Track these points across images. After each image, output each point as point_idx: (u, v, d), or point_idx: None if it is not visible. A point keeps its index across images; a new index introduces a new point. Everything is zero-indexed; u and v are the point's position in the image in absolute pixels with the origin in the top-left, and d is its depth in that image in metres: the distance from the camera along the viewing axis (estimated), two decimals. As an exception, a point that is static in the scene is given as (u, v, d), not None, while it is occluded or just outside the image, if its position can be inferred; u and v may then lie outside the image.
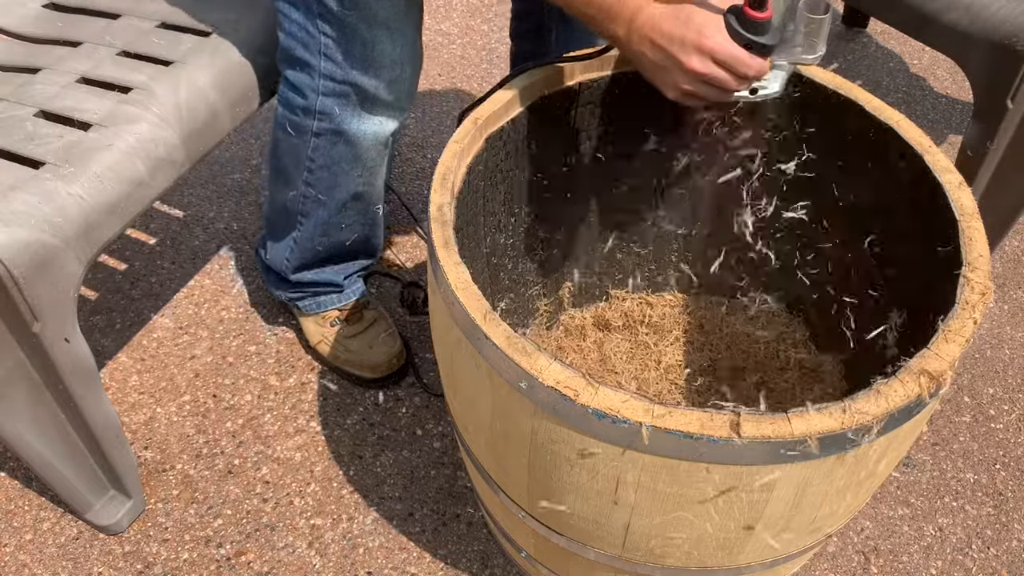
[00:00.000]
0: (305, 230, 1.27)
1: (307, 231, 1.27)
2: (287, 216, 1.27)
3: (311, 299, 1.38)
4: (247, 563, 1.19)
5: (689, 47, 0.79)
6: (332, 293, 1.38)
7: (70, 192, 0.93)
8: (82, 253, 0.94)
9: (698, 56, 0.79)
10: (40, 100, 1.06)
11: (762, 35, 0.79)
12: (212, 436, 1.33)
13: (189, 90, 1.08)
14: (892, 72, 2.16)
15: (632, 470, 0.70)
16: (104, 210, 0.96)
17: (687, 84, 0.82)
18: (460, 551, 1.21)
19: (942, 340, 0.71)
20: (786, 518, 0.74)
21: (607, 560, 0.86)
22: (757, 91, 0.88)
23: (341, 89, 1.09)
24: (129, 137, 1.00)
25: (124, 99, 1.05)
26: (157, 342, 1.46)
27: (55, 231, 0.90)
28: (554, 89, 1.01)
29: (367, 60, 1.05)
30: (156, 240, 1.64)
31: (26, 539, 1.21)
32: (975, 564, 1.22)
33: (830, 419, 0.65)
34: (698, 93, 0.83)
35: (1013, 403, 1.43)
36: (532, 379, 0.68)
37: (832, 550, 1.23)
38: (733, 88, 0.82)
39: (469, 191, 0.94)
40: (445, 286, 0.76)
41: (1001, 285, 1.63)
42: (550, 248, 1.23)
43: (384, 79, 1.08)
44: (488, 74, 2.06)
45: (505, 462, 0.84)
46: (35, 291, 0.89)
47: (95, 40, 1.17)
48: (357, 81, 1.08)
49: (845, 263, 1.14)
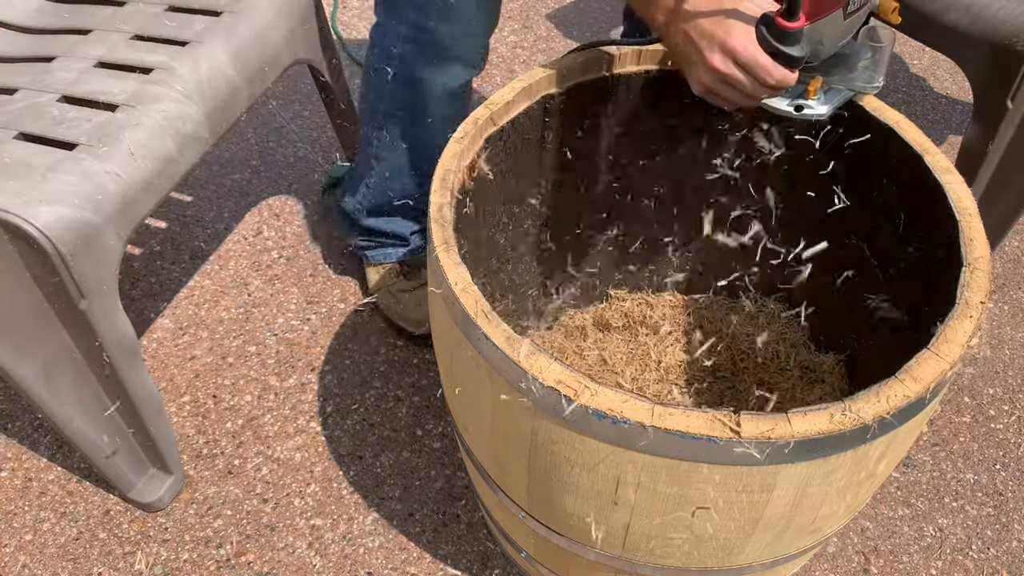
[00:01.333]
0: (377, 174, 1.32)
1: (379, 175, 1.32)
2: (365, 159, 1.33)
3: (378, 249, 1.46)
4: (247, 563, 1.19)
5: (715, 44, 0.80)
6: (398, 247, 1.45)
7: (107, 170, 0.95)
8: (121, 229, 0.97)
9: (721, 55, 0.80)
10: (61, 86, 1.07)
11: (789, 45, 0.78)
12: (212, 436, 1.33)
13: (209, 67, 1.10)
14: (892, 72, 2.16)
15: (632, 470, 0.70)
16: (140, 187, 0.99)
17: (709, 82, 0.83)
18: (460, 551, 1.21)
19: (942, 340, 0.71)
20: (786, 518, 0.74)
21: (607, 560, 0.86)
22: (802, 109, 0.87)
23: (420, 37, 1.13)
24: (156, 115, 1.02)
25: (147, 79, 1.07)
26: (157, 342, 1.46)
27: (96, 208, 0.93)
28: (555, 89, 1.01)
29: (446, 10, 1.09)
30: (156, 240, 1.64)
31: (26, 539, 1.21)
32: (975, 564, 1.22)
33: (830, 419, 0.65)
34: (720, 93, 0.83)
35: (1013, 403, 1.43)
36: (532, 379, 0.68)
37: (832, 550, 1.22)
38: (750, 93, 0.82)
39: (469, 191, 0.94)
40: (445, 286, 0.76)
41: (1001, 285, 1.63)
42: (550, 248, 1.23)
43: (459, 31, 1.12)
44: (488, 74, 2.06)
45: (505, 462, 0.84)
46: (81, 268, 0.92)
47: (105, 27, 1.18)
48: (435, 30, 1.11)
49: (845, 263, 1.14)
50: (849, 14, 0.81)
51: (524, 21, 2.23)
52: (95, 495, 1.26)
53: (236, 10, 1.18)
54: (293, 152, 1.83)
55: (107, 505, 1.25)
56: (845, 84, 0.87)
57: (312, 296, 1.54)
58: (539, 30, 2.20)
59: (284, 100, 1.96)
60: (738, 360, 1.28)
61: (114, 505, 1.25)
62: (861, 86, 0.88)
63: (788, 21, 0.76)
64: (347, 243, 1.56)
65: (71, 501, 1.26)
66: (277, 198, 1.73)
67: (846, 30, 0.83)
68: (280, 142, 1.85)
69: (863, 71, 0.86)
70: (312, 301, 1.53)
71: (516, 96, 0.96)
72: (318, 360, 1.44)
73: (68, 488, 1.27)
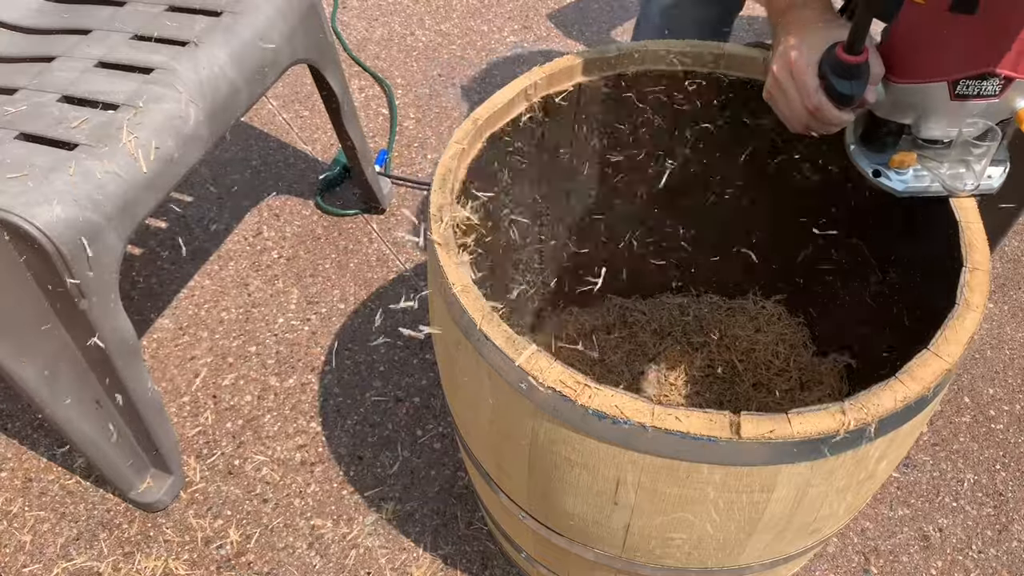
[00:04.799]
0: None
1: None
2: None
3: None
4: (247, 563, 1.19)
5: (784, 53, 0.79)
6: None
7: (107, 170, 0.95)
8: (122, 229, 0.97)
9: (781, 62, 0.80)
10: (61, 86, 1.07)
11: (840, 78, 0.73)
12: (212, 436, 1.33)
13: (209, 68, 1.10)
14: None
15: (632, 471, 0.70)
16: (140, 187, 0.99)
17: (768, 83, 0.83)
18: (460, 551, 1.21)
19: (942, 340, 0.71)
20: (786, 519, 0.74)
21: (607, 560, 0.86)
22: (879, 176, 0.81)
23: None
24: (157, 115, 1.02)
25: (147, 79, 1.07)
26: (157, 343, 1.46)
27: (97, 208, 0.93)
28: (555, 89, 1.01)
29: None
30: (156, 240, 1.64)
31: (26, 539, 1.21)
32: (975, 564, 1.22)
33: (830, 420, 0.65)
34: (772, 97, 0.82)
35: (1013, 403, 1.43)
36: (532, 379, 0.68)
37: (832, 550, 1.22)
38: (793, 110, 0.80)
39: (469, 191, 0.94)
40: (445, 286, 0.76)
41: (1001, 285, 1.63)
42: (549, 249, 1.23)
43: None
44: (488, 74, 2.06)
45: (505, 462, 0.84)
46: (82, 268, 0.92)
47: (105, 27, 1.18)
48: None
49: (845, 264, 1.14)
50: (959, 96, 0.73)
51: (524, 21, 2.23)
52: (95, 495, 1.26)
53: (236, 10, 1.18)
54: (293, 152, 1.83)
55: (107, 505, 1.25)
56: (936, 173, 0.79)
57: (312, 296, 1.54)
58: (539, 30, 2.20)
59: (284, 100, 1.96)
60: (738, 361, 1.28)
61: (114, 505, 1.25)
62: (950, 184, 0.78)
63: (847, 54, 0.72)
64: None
65: (71, 501, 1.26)
66: (277, 198, 1.73)
67: (953, 114, 0.74)
68: (280, 142, 1.85)
69: (954, 166, 0.77)
70: (312, 301, 1.53)
71: (516, 96, 0.96)
72: (318, 360, 1.44)
73: (68, 488, 1.27)
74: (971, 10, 0.66)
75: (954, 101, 0.73)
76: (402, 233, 1.66)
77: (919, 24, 0.72)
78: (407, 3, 2.29)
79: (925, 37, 0.72)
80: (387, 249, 1.63)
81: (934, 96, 0.74)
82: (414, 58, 2.09)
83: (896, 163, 0.79)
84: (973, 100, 0.73)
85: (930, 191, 0.80)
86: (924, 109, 0.76)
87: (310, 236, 1.65)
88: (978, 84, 0.72)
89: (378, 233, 1.66)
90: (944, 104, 0.74)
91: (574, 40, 2.18)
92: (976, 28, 0.68)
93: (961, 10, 0.67)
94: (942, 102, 0.74)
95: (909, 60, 0.74)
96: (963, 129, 0.75)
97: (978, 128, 0.74)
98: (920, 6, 0.69)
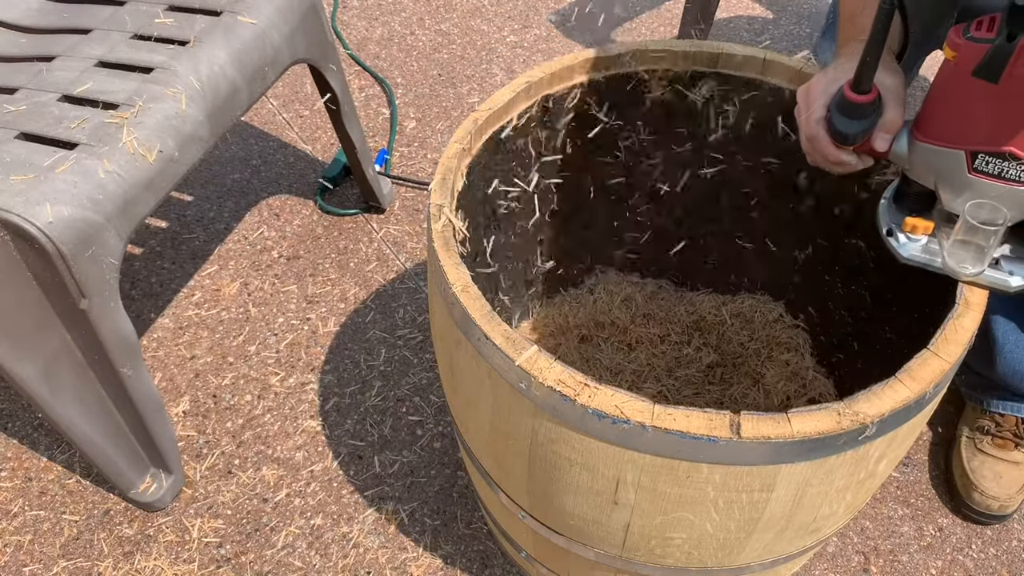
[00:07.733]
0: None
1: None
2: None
3: None
4: (247, 563, 1.19)
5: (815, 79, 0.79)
6: None
7: (107, 170, 0.95)
8: (122, 229, 0.97)
9: (805, 85, 0.79)
10: (62, 85, 1.07)
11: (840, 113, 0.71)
12: (212, 436, 1.33)
13: (210, 68, 1.10)
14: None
15: (632, 470, 0.70)
16: (140, 186, 0.99)
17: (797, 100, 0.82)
18: (460, 551, 1.21)
19: (942, 340, 0.71)
20: (786, 518, 0.74)
21: (607, 560, 0.86)
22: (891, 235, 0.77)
23: None
24: (157, 115, 1.03)
25: (147, 79, 1.07)
26: (157, 342, 1.46)
27: (97, 208, 0.93)
28: (555, 89, 1.01)
29: None
30: (156, 240, 1.64)
31: (26, 539, 1.21)
32: (975, 564, 1.22)
33: (830, 419, 0.65)
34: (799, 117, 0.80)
35: (1013, 403, 1.43)
36: (532, 379, 0.68)
37: (832, 550, 1.22)
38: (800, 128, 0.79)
39: (469, 191, 0.94)
40: (445, 286, 0.76)
41: (1001, 285, 1.63)
42: (549, 248, 1.23)
43: None
44: (488, 74, 2.06)
45: (505, 462, 0.84)
46: (82, 267, 0.92)
47: (105, 26, 1.18)
48: None
49: (845, 264, 1.14)
50: (977, 171, 0.67)
51: (524, 21, 2.23)
52: (95, 495, 1.26)
53: (236, 10, 1.18)
54: (293, 152, 1.83)
55: (107, 505, 1.25)
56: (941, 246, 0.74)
57: (312, 296, 1.54)
58: (539, 30, 2.20)
59: (284, 100, 1.96)
60: (737, 361, 1.28)
61: (114, 505, 1.25)
62: (949, 263, 0.73)
63: (853, 91, 0.70)
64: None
65: (71, 501, 1.26)
66: (277, 198, 1.73)
67: (971, 190, 0.69)
68: (280, 142, 1.85)
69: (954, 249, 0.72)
70: (312, 301, 1.53)
71: (516, 96, 0.96)
72: (318, 360, 1.44)
73: (68, 488, 1.27)
74: (993, 79, 0.62)
75: (972, 175, 0.68)
76: (402, 233, 1.66)
77: (945, 82, 0.68)
78: (407, 3, 2.29)
79: (949, 97, 0.68)
80: (387, 249, 1.63)
81: (951, 164, 0.69)
82: (414, 58, 2.10)
83: (908, 227, 0.74)
84: (991, 180, 0.67)
85: (932, 266, 0.75)
86: (940, 177, 0.71)
87: (310, 236, 1.65)
88: (999, 163, 0.66)
89: (378, 233, 1.66)
90: (961, 177, 0.69)
91: (574, 40, 2.18)
92: (1000, 101, 0.63)
93: (983, 76, 0.62)
94: (959, 174, 0.69)
95: (931, 118, 0.70)
96: (967, 207, 0.69)
97: (985, 211, 0.68)
98: (949, 63, 0.65)
